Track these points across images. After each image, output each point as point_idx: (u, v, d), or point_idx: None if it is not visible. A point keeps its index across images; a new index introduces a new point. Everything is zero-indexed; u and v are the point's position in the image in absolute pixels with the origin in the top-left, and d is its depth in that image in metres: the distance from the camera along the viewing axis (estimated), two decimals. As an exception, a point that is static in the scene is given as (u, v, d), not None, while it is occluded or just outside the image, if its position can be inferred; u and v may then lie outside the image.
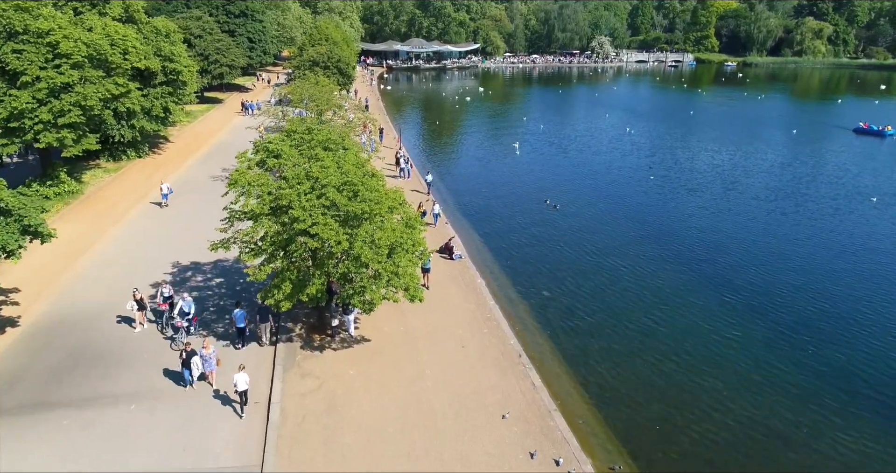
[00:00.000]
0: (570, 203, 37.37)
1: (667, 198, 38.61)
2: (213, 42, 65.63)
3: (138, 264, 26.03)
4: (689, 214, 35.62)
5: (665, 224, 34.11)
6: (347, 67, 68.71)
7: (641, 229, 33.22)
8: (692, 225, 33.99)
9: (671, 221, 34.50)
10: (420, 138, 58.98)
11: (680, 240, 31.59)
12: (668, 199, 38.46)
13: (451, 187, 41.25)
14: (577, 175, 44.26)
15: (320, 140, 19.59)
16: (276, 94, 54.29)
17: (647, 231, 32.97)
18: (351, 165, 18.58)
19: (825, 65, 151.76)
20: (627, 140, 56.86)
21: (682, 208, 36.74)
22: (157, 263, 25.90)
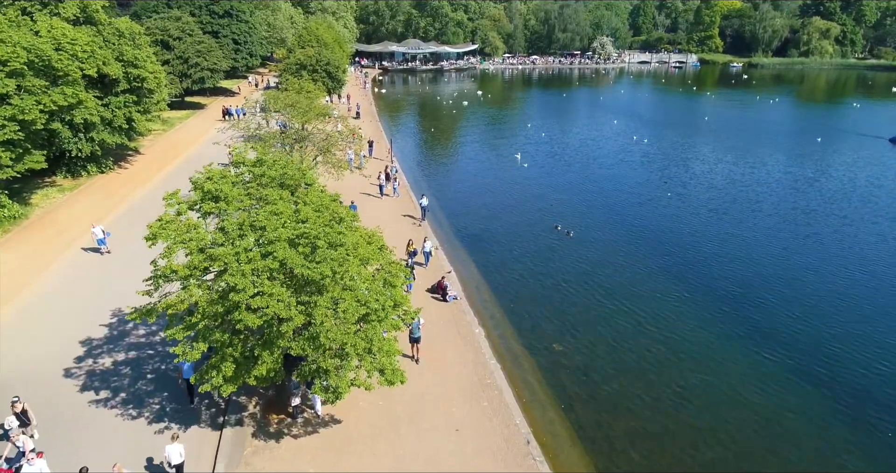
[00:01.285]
0: (581, 227, 33.20)
1: (687, 221, 34.43)
2: (193, 44, 61.43)
3: (66, 321, 21.46)
4: (714, 242, 31.43)
5: (689, 255, 29.91)
6: (337, 71, 64.58)
7: (663, 262, 29.04)
8: (719, 255, 29.82)
9: (695, 251, 30.31)
10: (414, 148, 54.81)
11: (708, 277, 27.42)
12: (689, 222, 34.29)
13: (446, 206, 37.08)
14: (586, 192, 40.06)
15: (273, 176, 15.43)
16: (251, 104, 50.19)
17: (669, 264, 28.81)
18: (312, 210, 14.43)
19: (832, 66, 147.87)
20: (637, 150, 52.71)
21: (706, 234, 32.55)
22: (87, 317, 21.60)
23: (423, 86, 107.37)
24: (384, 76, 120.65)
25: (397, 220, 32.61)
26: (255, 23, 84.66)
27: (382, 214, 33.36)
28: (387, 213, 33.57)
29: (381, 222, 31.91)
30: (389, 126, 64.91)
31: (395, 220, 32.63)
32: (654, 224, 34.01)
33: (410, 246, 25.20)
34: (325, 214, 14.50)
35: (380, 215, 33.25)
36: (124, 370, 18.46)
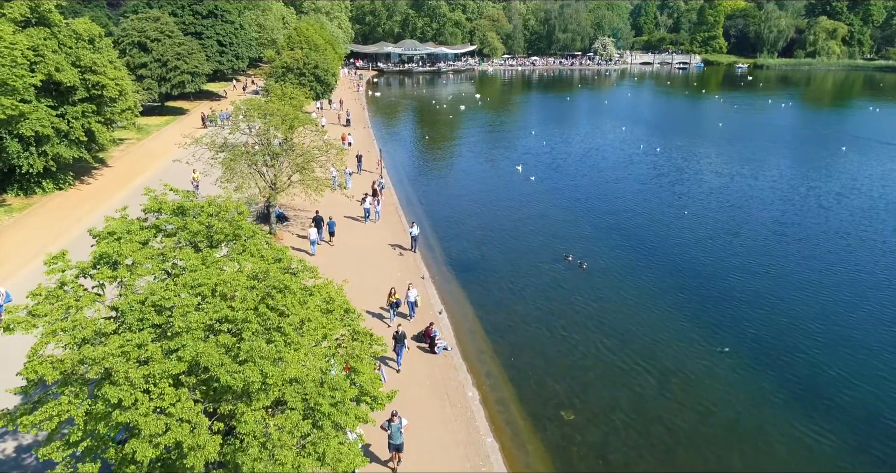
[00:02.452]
0: (591, 254, 29.45)
1: (708, 248, 30.63)
2: (172, 46, 57.74)
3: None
4: (739, 274, 27.60)
5: (713, 291, 26.12)
6: (326, 74, 60.84)
7: (686, 300, 25.29)
8: (746, 291, 26.06)
9: (719, 287, 26.53)
10: (406, 159, 51.08)
11: (736, 319, 23.70)
12: (710, 249, 30.48)
13: (439, 228, 33.37)
14: (594, 211, 36.32)
15: (196, 230, 11.72)
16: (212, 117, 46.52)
17: (693, 303, 25.09)
18: (245, 278, 10.74)
19: (840, 67, 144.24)
20: (646, 161, 48.97)
21: (730, 264, 28.75)
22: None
23: (419, 88, 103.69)
24: (379, 78, 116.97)
25: (382, 251, 28.83)
26: (245, 23, 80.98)
27: (366, 242, 29.64)
28: (371, 241, 29.84)
29: (364, 253, 28.34)
30: (382, 133, 61.22)
31: (380, 250, 28.87)
32: (671, 250, 30.28)
33: (392, 295, 21.22)
34: (260, 285, 10.77)
35: (363, 243, 29.52)
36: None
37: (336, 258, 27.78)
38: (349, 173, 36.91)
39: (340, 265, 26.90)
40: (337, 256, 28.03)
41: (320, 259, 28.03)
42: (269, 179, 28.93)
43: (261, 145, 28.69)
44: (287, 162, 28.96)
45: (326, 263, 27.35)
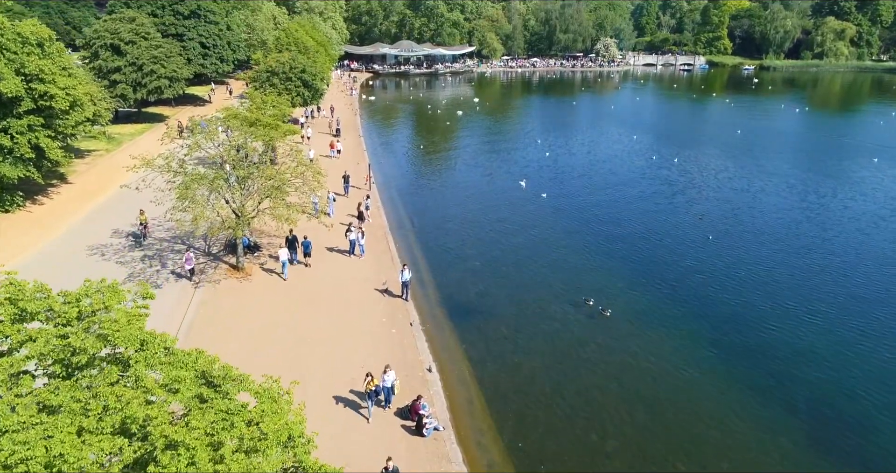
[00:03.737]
0: (607, 292, 25.50)
1: (743, 286, 26.49)
2: (148, 49, 53.68)
3: None
4: (781, 322, 23.64)
5: (758, 345, 22.21)
6: (314, 79, 56.79)
7: (725, 358, 21.35)
8: (798, 348, 22.17)
9: (763, 339, 22.56)
10: (399, 172, 47.04)
11: (782, 385, 19.80)
12: (745, 288, 26.35)
13: (432, 258, 29.35)
14: (610, 239, 32.16)
15: (78, 347, 7.75)
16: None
17: (733, 361, 21.15)
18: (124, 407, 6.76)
19: (848, 68, 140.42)
20: (660, 175, 44.93)
21: (771, 308, 24.72)
22: None
23: (415, 91, 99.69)
24: (374, 80, 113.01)
25: (366, 302, 24.48)
26: (233, 24, 76.93)
27: (347, 285, 25.52)
28: (354, 285, 25.70)
29: (343, 293, 24.07)
30: (373, 142, 57.24)
31: (364, 302, 24.52)
32: (701, 289, 26.24)
33: (370, 384, 16.67)
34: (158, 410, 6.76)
35: (343, 286, 25.37)
36: None
37: (312, 297, 23.77)
38: (332, 198, 32.60)
39: (314, 308, 22.90)
40: (312, 294, 24.01)
41: (293, 293, 24.04)
42: (234, 206, 24.93)
43: (224, 165, 24.62)
44: (256, 186, 24.95)
45: (298, 301, 23.34)
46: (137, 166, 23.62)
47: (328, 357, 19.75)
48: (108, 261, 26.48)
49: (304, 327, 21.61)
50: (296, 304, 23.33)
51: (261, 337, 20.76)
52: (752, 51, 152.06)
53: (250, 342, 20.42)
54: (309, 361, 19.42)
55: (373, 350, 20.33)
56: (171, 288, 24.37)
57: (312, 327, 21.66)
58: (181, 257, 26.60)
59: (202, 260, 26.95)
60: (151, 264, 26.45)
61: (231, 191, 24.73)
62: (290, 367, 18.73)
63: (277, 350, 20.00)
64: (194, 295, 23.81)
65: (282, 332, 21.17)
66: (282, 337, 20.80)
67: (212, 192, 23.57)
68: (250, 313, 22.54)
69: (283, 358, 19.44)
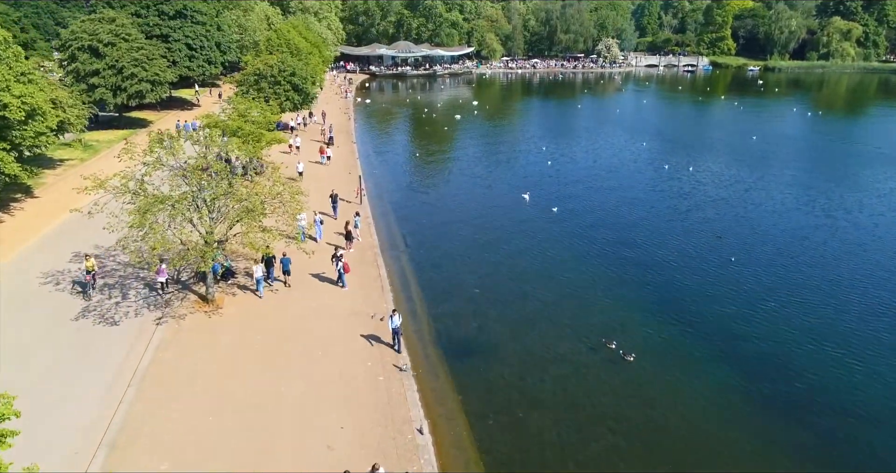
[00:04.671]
0: (625, 328, 22.66)
1: (774, 319, 23.67)
2: (128, 51, 50.80)
3: None
4: (823, 366, 20.82)
5: (801, 403, 19.42)
6: (305, 83, 53.90)
7: (763, 409, 18.57)
8: (838, 395, 19.38)
9: (805, 388, 19.81)
10: (393, 182, 44.09)
11: (831, 449, 16.97)
12: (777, 321, 23.52)
13: (427, 286, 26.46)
14: (623, 263, 29.01)
15: None
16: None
17: (773, 416, 18.35)
18: None
19: (855, 69, 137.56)
20: (675, 188, 41.73)
21: (806, 347, 21.96)
22: None
23: (413, 93, 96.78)
24: (371, 82, 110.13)
25: (350, 340, 21.60)
26: (223, 24, 74.04)
27: (330, 320, 22.63)
28: (338, 319, 22.79)
29: (325, 340, 20.55)
30: (367, 149, 54.37)
31: (348, 340, 21.66)
32: (727, 322, 23.35)
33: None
34: None
35: (325, 320, 22.44)
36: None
37: (288, 335, 20.86)
38: (319, 220, 29.22)
39: (289, 350, 19.99)
40: (289, 331, 21.10)
41: (267, 330, 21.07)
42: (202, 231, 22.02)
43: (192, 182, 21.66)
44: (227, 208, 22.04)
45: (273, 340, 20.20)
46: (89, 188, 20.74)
47: (299, 424, 16.71)
48: (62, 292, 23.60)
49: (276, 377, 18.70)
50: (269, 345, 20.43)
51: (222, 394, 17.83)
52: (756, 51, 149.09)
53: (207, 400, 17.50)
54: (277, 428, 16.47)
55: (355, 406, 17.45)
56: (129, 325, 21.48)
57: (285, 376, 18.77)
58: (141, 294, 23.77)
59: (168, 290, 24.05)
60: (111, 295, 23.55)
61: (199, 214, 21.85)
62: (250, 439, 15.91)
63: (239, 412, 17.08)
64: (154, 335, 20.91)
65: (248, 385, 18.26)
66: (247, 394, 17.87)
67: (174, 217, 20.65)
68: (215, 358, 19.65)
69: (244, 424, 16.53)
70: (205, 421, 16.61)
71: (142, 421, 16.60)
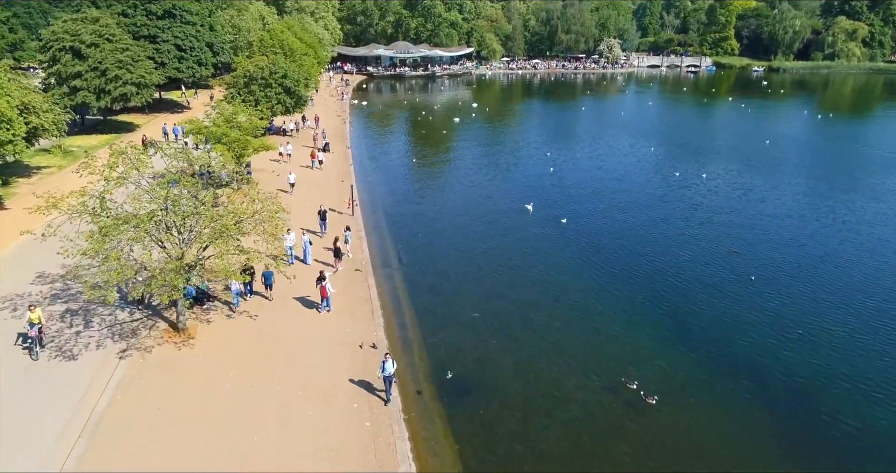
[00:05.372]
0: (640, 362, 20.47)
1: (802, 349, 21.52)
2: (112, 52, 48.61)
3: None
4: (866, 406, 18.69)
5: (843, 450, 17.23)
6: (298, 86, 51.74)
7: (808, 465, 16.37)
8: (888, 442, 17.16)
9: (840, 433, 17.63)
10: (388, 191, 41.78)
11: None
12: (804, 352, 21.38)
13: (424, 312, 24.26)
14: (634, 281, 26.82)
15: None
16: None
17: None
18: None
19: (861, 69, 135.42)
20: (686, 196, 39.55)
21: (843, 383, 19.79)
22: None
23: (411, 95, 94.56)
24: (368, 83, 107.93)
25: (335, 376, 19.45)
26: (216, 24, 71.82)
27: (313, 351, 20.41)
28: (322, 351, 20.62)
29: (305, 376, 17.63)
30: (362, 154, 52.20)
31: (333, 376, 19.52)
32: (754, 354, 21.11)
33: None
34: None
35: (308, 352, 20.18)
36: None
37: (264, 369, 18.58)
38: (308, 242, 26.61)
39: (265, 387, 17.74)
40: (266, 365, 18.84)
41: (242, 364, 18.65)
42: (174, 254, 19.79)
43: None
44: (199, 228, 19.83)
45: (247, 376, 17.42)
46: (42, 208, 18.54)
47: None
48: (19, 318, 21.34)
49: (248, 423, 16.49)
50: (243, 383, 18.20)
51: (184, 445, 15.61)
52: (759, 52, 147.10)
53: (167, 454, 15.27)
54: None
55: (337, 459, 15.24)
56: (89, 359, 19.24)
57: (260, 422, 16.55)
58: (106, 321, 21.56)
59: (136, 317, 21.85)
60: (72, 323, 21.34)
61: (168, 236, 19.63)
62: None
63: (203, 466, 14.87)
64: (115, 371, 18.68)
65: (217, 433, 16.03)
66: (214, 444, 15.65)
67: (137, 241, 18.42)
68: (181, 400, 17.42)
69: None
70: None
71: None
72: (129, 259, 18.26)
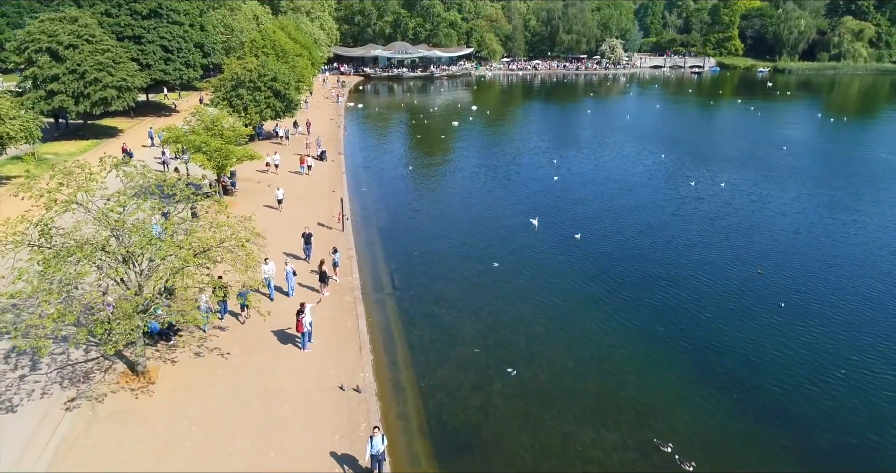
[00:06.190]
0: (663, 412, 17.92)
1: (853, 401, 19.04)
2: (92, 54, 46.02)
3: None
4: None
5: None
6: (288, 89, 49.18)
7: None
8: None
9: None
10: (382, 202, 39.14)
11: None
12: (852, 398, 18.93)
13: (416, 343, 21.72)
14: (651, 311, 24.39)
15: None
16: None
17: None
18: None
19: (868, 70, 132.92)
20: (701, 210, 36.88)
21: None
22: None
23: (409, 97, 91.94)
24: (365, 85, 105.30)
25: (312, 430, 16.85)
26: (207, 24, 69.35)
27: (289, 398, 17.80)
28: (299, 397, 18.06)
29: (277, 429, 14.87)
30: (356, 162, 49.62)
31: (308, 430, 16.91)
32: (793, 402, 18.64)
33: None
34: None
35: (282, 399, 17.49)
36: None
37: (232, 420, 15.99)
38: (291, 272, 23.20)
39: (230, 445, 15.11)
40: (235, 415, 16.25)
41: (207, 416, 15.86)
42: (132, 286, 17.25)
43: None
44: (157, 261, 17.25)
45: (210, 432, 15.38)
46: None
47: None
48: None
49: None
50: (205, 442, 15.63)
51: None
52: (764, 52, 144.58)
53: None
54: None
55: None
56: (30, 410, 16.67)
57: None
58: (57, 362, 19.00)
59: (92, 356, 19.28)
60: (17, 364, 18.76)
61: (124, 269, 17.07)
62: None
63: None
64: (59, 427, 16.12)
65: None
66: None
67: (80, 278, 15.85)
68: (129, 464, 14.84)
69: None
70: None
71: None
72: (70, 299, 15.67)
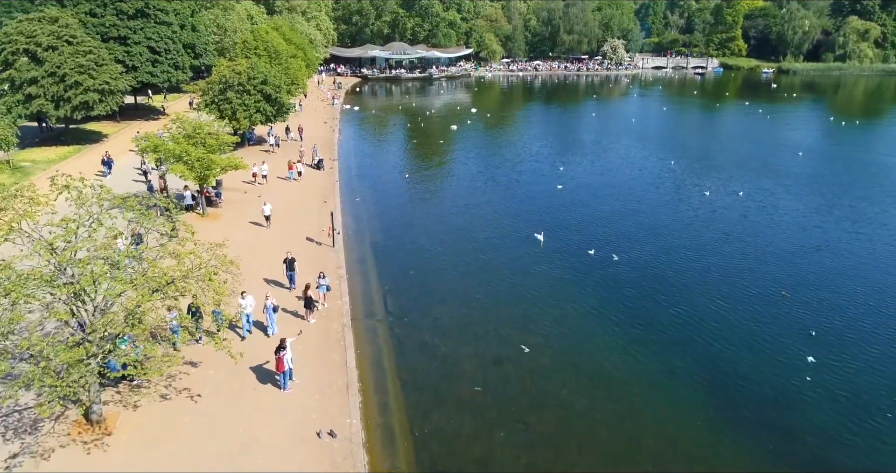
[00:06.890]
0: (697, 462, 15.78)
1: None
2: (73, 56, 43.80)
3: None
4: None
5: None
6: (279, 92, 46.98)
7: None
8: None
9: None
10: (376, 214, 36.85)
11: None
12: None
13: (410, 377, 19.55)
14: (669, 343, 22.33)
15: None
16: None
17: None
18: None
19: (874, 71, 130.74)
20: (717, 222, 34.76)
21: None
22: None
23: (407, 99, 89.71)
24: (362, 86, 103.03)
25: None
26: (199, 25, 67.17)
27: (264, 446, 15.61)
28: (275, 445, 15.88)
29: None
30: (350, 167, 47.42)
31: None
32: (836, 447, 16.56)
33: None
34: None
35: (257, 447, 15.29)
36: None
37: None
38: (271, 307, 20.43)
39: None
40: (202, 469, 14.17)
41: (173, 458, 13.87)
42: (87, 323, 15.09)
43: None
44: (111, 296, 15.07)
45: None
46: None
47: None
48: None
49: None
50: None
51: None
52: (767, 53, 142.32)
53: None
54: None
55: None
56: (-36, 469, 14.49)
57: None
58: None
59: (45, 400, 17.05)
60: (-42, 410, 16.57)
61: (75, 305, 14.91)
62: None
63: None
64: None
65: None
66: None
67: (11, 323, 13.66)
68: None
69: None
70: None
71: None
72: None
